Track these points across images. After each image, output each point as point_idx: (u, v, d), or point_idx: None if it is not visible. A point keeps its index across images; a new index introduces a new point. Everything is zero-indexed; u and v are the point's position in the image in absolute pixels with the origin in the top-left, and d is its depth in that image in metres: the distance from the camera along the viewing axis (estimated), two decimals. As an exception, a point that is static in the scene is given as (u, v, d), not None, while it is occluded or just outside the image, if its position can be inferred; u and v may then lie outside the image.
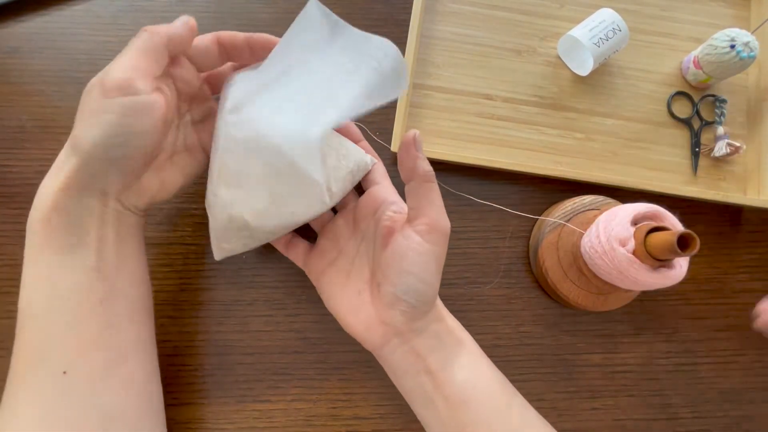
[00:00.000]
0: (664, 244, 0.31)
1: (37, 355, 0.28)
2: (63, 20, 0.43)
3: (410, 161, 0.30)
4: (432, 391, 0.32)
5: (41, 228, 0.28)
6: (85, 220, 0.29)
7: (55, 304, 0.29)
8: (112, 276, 0.30)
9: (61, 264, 0.29)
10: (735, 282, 0.43)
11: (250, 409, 0.37)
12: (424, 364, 0.32)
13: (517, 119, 0.44)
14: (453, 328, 0.34)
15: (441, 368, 0.32)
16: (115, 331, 0.30)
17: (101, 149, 0.28)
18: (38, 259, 0.29)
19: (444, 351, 0.32)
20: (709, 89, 0.46)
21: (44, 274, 0.29)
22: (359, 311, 0.33)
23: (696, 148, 0.45)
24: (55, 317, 0.28)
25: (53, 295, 0.29)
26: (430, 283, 0.31)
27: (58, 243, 0.29)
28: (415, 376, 0.32)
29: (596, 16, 0.43)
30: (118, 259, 0.31)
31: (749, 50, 0.41)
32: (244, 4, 0.45)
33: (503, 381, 0.34)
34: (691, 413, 0.40)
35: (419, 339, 0.32)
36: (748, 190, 0.44)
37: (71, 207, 0.29)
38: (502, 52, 0.46)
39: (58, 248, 0.29)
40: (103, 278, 0.30)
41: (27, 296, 0.29)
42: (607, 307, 0.39)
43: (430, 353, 0.32)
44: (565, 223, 0.39)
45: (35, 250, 0.29)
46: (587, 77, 0.46)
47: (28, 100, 0.41)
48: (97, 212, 0.30)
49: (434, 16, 0.46)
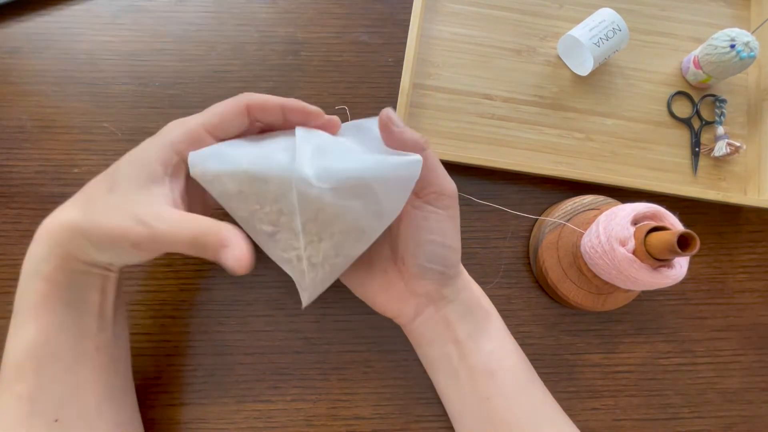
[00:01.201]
0: (664, 244, 0.31)
1: (30, 407, 0.28)
2: (63, 20, 0.43)
3: (395, 140, 0.29)
4: (457, 361, 0.33)
5: (45, 290, 0.28)
6: (91, 274, 0.30)
7: (53, 357, 0.28)
8: (109, 324, 0.31)
9: (64, 318, 0.29)
10: (735, 282, 0.43)
11: (250, 409, 0.37)
12: (453, 333, 0.33)
13: (517, 119, 0.44)
14: (480, 300, 0.34)
15: (468, 337, 0.33)
16: (106, 374, 0.31)
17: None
18: (40, 320, 0.28)
19: (473, 322, 0.33)
20: (709, 89, 0.46)
21: (44, 329, 0.28)
22: (389, 288, 0.34)
23: (696, 148, 0.45)
24: (51, 370, 0.28)
25: (52, 349, 0.28)
26: (452, 246, 0.32)
27: (62, 298, 0.29)
28: (443, 346, 0.33)
29: (596, 16, 0.43)
30: (116, 306, 0.31)
31: (749, 50, 0.41)
32: (244, 4, 0.45)
33: (526, 358, 0.35)
34: (691, 413, 0.40)
35: (450, 306, 0.33)
36: (748, 190, 0.44)
37: (74, 272, 0.29)
38: (502, 51, 0.46)
39: (60, 306, 0.29)
40: (104, 329, 0.30)
41: (22, 349, 0.28)
42: (607, 307, 0.39)
43: (459, 322, 0.33)
44: (565, 223, 0.39)
45: (36, 303, 0.28)
46: (587, 77, 0.46)
47: (28, 100, 0.41)
48: (102, 269, 0.30)
49: (434, 16, 0.46)
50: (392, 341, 0.39)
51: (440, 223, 0.31)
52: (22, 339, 0.28)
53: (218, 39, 0.44)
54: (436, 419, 0.38)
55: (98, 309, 0.30)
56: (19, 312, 0.29)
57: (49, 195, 0.40)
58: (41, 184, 0.40)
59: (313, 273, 0.30)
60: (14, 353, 0.28)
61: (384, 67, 0.44)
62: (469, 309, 0.34)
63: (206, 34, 0.44)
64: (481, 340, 0.33)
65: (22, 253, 0.38)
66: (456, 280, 0.34)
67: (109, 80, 0.42)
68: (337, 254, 0.30)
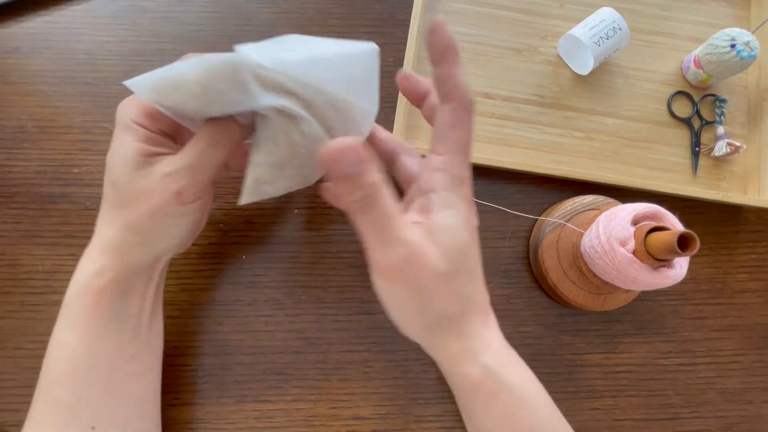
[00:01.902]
0: (664, 244, 0.31)
1: (68, 414, 0.29)
2: (63, 20, 0.43)
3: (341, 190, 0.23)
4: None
5: (93, 300, 0.29)
6: (134, 287, 0.30)
7: (91, 368, 0.29)
8: (145, 333, 0.32)
9: (106, 329, 0.29)
10: (735, 282, 0.43)
11: (250, 409, 0.37)
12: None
13: (517, 118, 0.44)
14: (474, 380, 0.27)
15: (459, 403, 0.31)
16: (137, 383, 0.31)
17: (176, 245, 0.30)
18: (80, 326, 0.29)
19: (461, 393, 0.29)
20: (709, 89, 0.46)
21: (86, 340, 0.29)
22: None
23: (696, 147, 0.45)
24: (89, 379, 0.29)
25: (91, 360, 0.29)
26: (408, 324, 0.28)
27: (102, 311, 0.29)
28: None
29: (597, 16, 0.43)
30: (152, 317, 0.32)
31: (749, 50, 0.41)
32: (244, 4, 0.45)
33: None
34: (691, 413, 0.40)
35: (442, 368, 0.30)
36: (748, 190, 0.44)
37: (123, 279, 0.29)
38: (502, 51, 0.46)
39: (102, 315, 0.29)
40: (138, 337, 0.31)
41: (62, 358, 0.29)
42: (607, 307, 0.39)
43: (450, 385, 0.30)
44: (565, 223, 0.39)
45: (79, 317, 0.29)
46: (587, 76, 0.45)
47: (28, 100, 0.41)
48: (147, 278, 0.31)
49: (435, 15, 0.46)
50: (392, 341, 0.39)
51: (387, 294, 0.27)
52: (63, 348, 0.29)
53: (218, 39, 0.44)
54: (436, 419, 0.38)
55: (137, 318, 0.31)
56: (63, 319, 0.30)
57: (49, 195, 0.40)
58: (41, 184, 0.40)
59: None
60: (55, 362, 0.29)
61: (384, 67, 0.43)
62: (455, 383, 0.29)
63: (206, 34, 0.44)
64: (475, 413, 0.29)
65: (22, 253, 0.38)
66: (439, 350, 0.28)
67: (108, 80, 0.42)
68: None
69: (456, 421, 0.38)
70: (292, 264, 0.39)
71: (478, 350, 0.27)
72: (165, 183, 0.27)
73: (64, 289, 0.38)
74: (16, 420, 0.36)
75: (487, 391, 0.27)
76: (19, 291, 0.38)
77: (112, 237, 0.29)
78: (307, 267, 0.40)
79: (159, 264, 0.32)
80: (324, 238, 0.41)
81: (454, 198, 0.26)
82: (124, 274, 0.29)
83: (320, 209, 0.41)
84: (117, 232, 0.29)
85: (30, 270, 0.38)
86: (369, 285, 0.40)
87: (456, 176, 0.26)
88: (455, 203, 0.26)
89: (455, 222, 0.26)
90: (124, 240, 0.29)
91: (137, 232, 0.28)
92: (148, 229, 0.28)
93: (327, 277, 0.40)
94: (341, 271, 0.40)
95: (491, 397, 0.27)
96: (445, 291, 0.26)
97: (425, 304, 0.26)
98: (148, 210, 0.28)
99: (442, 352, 0.28)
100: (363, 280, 0.40)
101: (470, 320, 0.27)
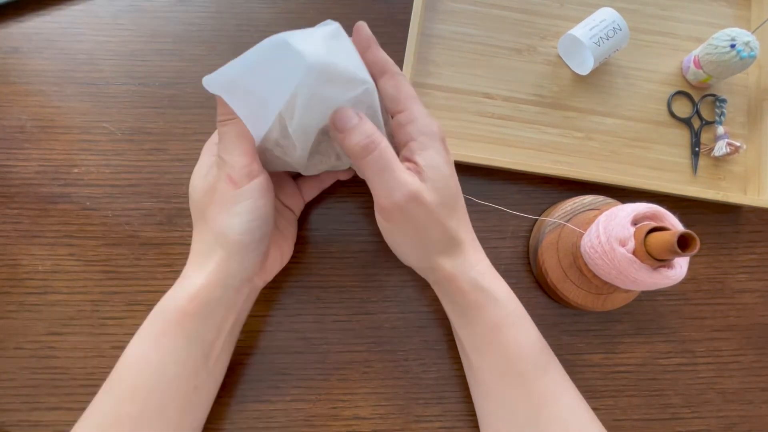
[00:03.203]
0: (664, 244, 0.31)
1: (118, 425, 0.29)
2: (63, 20, 0.43)
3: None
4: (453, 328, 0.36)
5: (176, 317, 0.30)
6: (216, 312, 0.31)
7: (158, 388, 0.30)
8: (212, 365, 0.32)
9: (179, 351, 0.30)
10: (735, 282, 0.43)
11: (250, 409, 0.37)
12: (444, 306, 0.36)
13: (517, 118, 0.44)
14: (465, 292, 0.33)
15: (456, 316, 0.35)
16: (191, 415, 0.32)
17: (248, 236, 0.30)
18: (159, 342, 0.30)
19: (455, 306, 0.34)
20: (709, 89, 0.46)
21: (155, 358, 0.30)
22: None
23: (696, 147, 0.45)
24: (152, 402, 0.30)
25: (159, 379, 0.30)
26: (412, 254, 0.34)
27: (183, 331, 0.30)
28: (445, 305, 0.36)
29: (597, 15, 0.43)
30: (222, 350, 0.33)
31: (749, 50, 0.41)
32: (244, 4, 0.45)
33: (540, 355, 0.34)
34: (691, 413, 0.40)
35: (435, 288, 0.35)
36: (748, 190, 0.44)
37: (210, 300, 0.30)
38: (502, 51, 0.46)
39: (181, 336, 0.30)
40: (206, 367, 0.32)
41: (136, 371, 0.30)
42: (607, 307, 0.39)
43: (444, 301, 0.35)
44: (565, 223, 0.39)
45: (159, 333, 0.30)
46: (587, 76, 0.45)
47: (28, 100, 0.41)
48: (229, 302, 0.31)
49: (435, 15, 0.46)
50: (392, 341, 0.39)
51: (392, 234, 0.33)
52: (140, 360, 0.30)
53: (218, 39, 0.44)
54: (436, 419, 0.38)
55: (210, 345, 0.31)
56: (146, 328, 0.31)
57: (49, 195, 0.40)
58: (41, 184, 0.40)
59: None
60: (128, 371, 0.30)
61: (384, 66, 0.44)
62: (450, 297, 0.34)
63: (206, 34, 0.44)
64: (467, 321, 0.34)
65: (22, 253, 0.38)
66: (433, 273, 0.34)
67: (108, 80, 0.42)
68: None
69: (456, 421, 0.38)
70: (292, 264, 0.39)
71: (467, 268, 0.33)
72: (219, 174, 0.30)
73: (64, 289, 0.38)
74: (16, 420, 0.36)
75: (477, 301, 0.33)
76: (18, 291, 0.38)
77: (198, 247, 0.31)
78: (307, 267, 0.40)
79: (243, 288, 0.32)
80: (324, 238, 0.41)
81: (428, 140, 0.31)
82: (210, 292, 0.30)
83: (320, 209, 0.41)
84: (201, 240, 0.31)
85: (30, 270, 0.38)
86: (369, 285, 0.40)
87: (423, 122, 0.31)
88: (431, 143, 0.31)
89: (435, 159, 0.30)
90: (208, 246, 0.31)
91: (213, 230, 0.30)
92: (223, 226, 0.30)
93: (327, 277, 0.40)
94: (341, 271, 0.40)
95: (480, 308, 0.33)
96: (437, 221, 0.31)
97: (423, 236, 0.31)
98: (214, 203, 0.30)
99: (437, 272, 0.33)
100: (363, 280, 0.40)
101: (459, 242, 0.33)
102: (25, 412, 0.36)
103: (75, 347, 0.37)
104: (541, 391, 0.33)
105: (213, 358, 0.32)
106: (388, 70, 0.32)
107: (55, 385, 0.37)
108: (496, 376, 0.33)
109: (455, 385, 0.39)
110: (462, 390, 0.38)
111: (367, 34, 0.32)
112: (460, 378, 0.38)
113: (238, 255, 0.31)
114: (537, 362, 0.33)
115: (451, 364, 0.39)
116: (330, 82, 0.29)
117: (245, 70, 0.30)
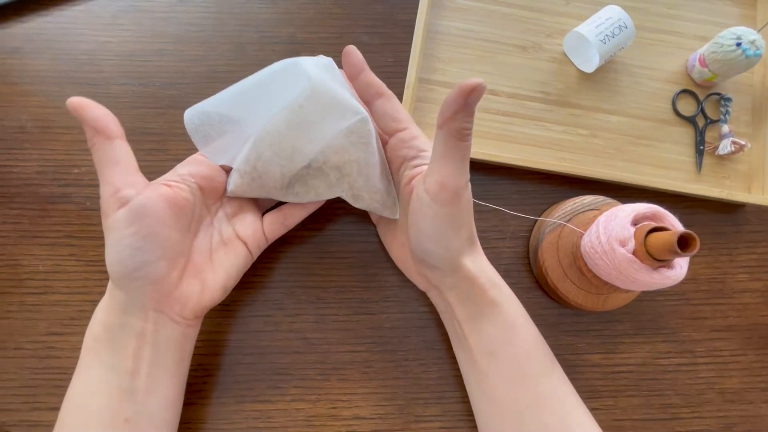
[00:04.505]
0: (664, 244, 0.31)
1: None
2: (63, 20, 0.43)
3: (454, 108, 0.27)
4: (461, 335, 0.34)
5: (90, 345, 0.31)
6: (125, 341, 0.30)
7: (84, 422, 0.30)
8: (142, 398, 0.31)
9: (99, 381, 0.30)
10: (735, 282, 0.43)
11: (250, 409, 0.38)
12: (455, 313, 0.34)
13: (521, 115, 0.44)
14: (486, 291, 0.33)
15: (468, 319, 0.34)
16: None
17: (118, 266, 0.29)
18: (82, 374, 0.31)
19: (473, 306, 0.33)
20: (714, 87, 0.46)
21: (80, 390, 0.30)
22: (406, 261, 0.37)
23: (700, 146, 0.45)
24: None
25: (84, 412, 0.30)
26: (446, 246, 0.32)
27: (99, 361, 0.30)
28: (450, 319, 0.35)
29: (603, 13, 0.42)
30: (150, 381, 0.31)
31: (755, 49, 0.41)
32: (244, 4, 0.44)
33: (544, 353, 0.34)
34: (691, 413, 0.40)
35: (451, 291, 0.34)
36: (752, 189, 0.44)
37: (113, 327, 0.30)
38: (507, 48, 0.45)
39: (99, 365, 0.30)
40: (133, 399, 0.31)
41: (67, 405, 0.31)
42: (607, 307, 0.39)
43: (459, 305, 0.34)
44: (565, 223, 0.39)
45: (81, 365, 0.31)
46: (593, 74, 0.45)
47: (28, 100, 0.41)
48: (137, 331, 0.30)
49: (440, 12, 0.45)
50: (392, 341, 0.39)
51: (435, 220, 0.31)
52: (71, 397, 0.31)
53: (218, 39, 0.44)
54: (436, 419, 0.38)
55: (131, 377, 0.30)
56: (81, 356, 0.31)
57: (49, 195, 0.40)
58: (41, 184, 0.40)
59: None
60: (65, 410, 0.31)
61: (384, 67, 0.44)
62: (470, 296, 0.33)
63: (206, 34, 0.44)
64: (482, 323, 0.33)
65: (22, 253, 0.38)
66: (456, 273, 0.33)
67: (108, 80, 0.42)
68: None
69: (456, 421, 0.38)
70: (292, 264, 0.39)
71: (485, 266, 0.34)
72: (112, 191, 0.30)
73: (64, 289, 0.38)
74: (16, 420, 0.36)
75: (494, 299, 0.33)
76: (19, 291, 0.38)
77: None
78: (307, 267, 0.40)
79: (148, 317, 0.31)
80: (324, 238, 0.41)
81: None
82: (112, 318, 0.30)
83: (320, 209, 0.41)
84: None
85: (30, 270, 0.38)
86: (369, 285, 0.40)
87: (424, 138, 0.34)
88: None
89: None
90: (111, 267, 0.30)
91: (110, 244, 0.29)
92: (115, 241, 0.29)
93: (327, 277, 0.40)
94: (341, 271, 0.40)
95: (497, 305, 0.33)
96: (470, 215, 0.32)
97: (459, 228, 0.31)
98: (107, 217, 0.29)
99: (460, 272, 0.33)
100: (363, 280, 0.40)
101: (475, 242, 0.34)
102: (25, 412, 0.36)
103: (75, 347, 0.37)
104: (548, 392, 0.33)
105: (140, 390, 0.30)
106: (384, 92, 0.33)
107: (55, 385, 0.37)
108: (507, 379, 0.33)
109: (455, 385, 0.39)
110: (462, 390, 0.38)
111: (358, 58, 0.33)
112: (461, 378, 0.38)
113: (119, 283, 0.30)
114: (543, 362, 0.33)
115: (451, 364, 0.39)
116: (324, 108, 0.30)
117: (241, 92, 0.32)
